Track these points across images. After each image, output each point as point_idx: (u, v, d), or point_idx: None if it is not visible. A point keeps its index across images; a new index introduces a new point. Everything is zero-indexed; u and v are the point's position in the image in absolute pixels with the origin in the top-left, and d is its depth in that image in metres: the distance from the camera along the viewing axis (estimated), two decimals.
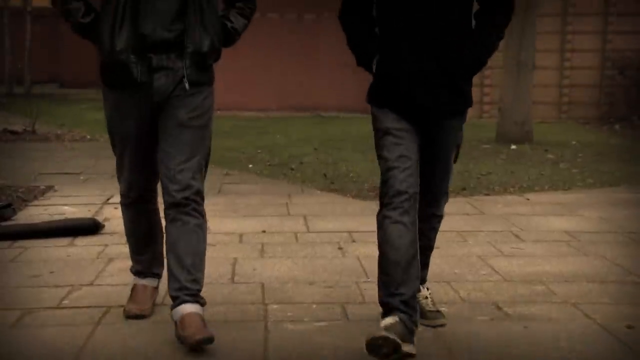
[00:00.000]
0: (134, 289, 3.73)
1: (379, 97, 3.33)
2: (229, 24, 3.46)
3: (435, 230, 3.59)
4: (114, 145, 3.55)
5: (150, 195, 3.63)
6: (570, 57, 13.74)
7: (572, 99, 13.84)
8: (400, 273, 3.16)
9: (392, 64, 3.27)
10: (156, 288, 3.77)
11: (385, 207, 3.23)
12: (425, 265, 3.56)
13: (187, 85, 3.31)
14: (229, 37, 3.48)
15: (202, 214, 3.40)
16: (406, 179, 3.20)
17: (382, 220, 3.24)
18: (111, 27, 3.28)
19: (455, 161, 3.47)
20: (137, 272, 3.76)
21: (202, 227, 3.40)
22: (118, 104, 3.41)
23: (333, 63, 14.23)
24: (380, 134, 3.30)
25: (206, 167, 3.47)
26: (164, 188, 3.39)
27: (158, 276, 3.78)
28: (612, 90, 13.70)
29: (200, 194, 3.39)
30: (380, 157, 3.30)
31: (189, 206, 3.34)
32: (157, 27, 3.26)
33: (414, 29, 3.21)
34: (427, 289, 3.65)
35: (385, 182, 3.25)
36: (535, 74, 10.91)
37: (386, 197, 3.23)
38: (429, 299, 3.59)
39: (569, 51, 13.74)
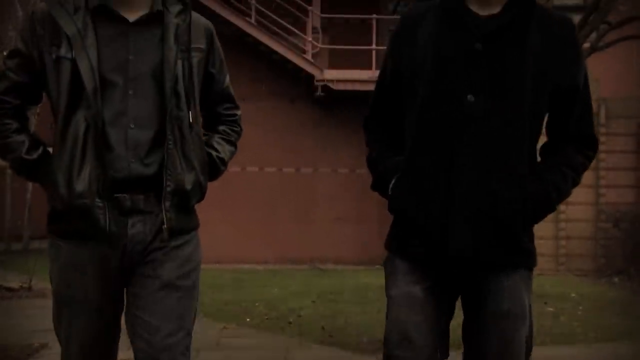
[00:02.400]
0: None
1: (395, 243, 2.60)
2: (214, 153, 2.79)
3: None
4: (59, 323, 2.68)
5: None
6: (565, 209, 13.91)
7: (569, 251, 13.89)
8: None
9: (417, 193, 2.46)
10: None
11: None
12: None
13: (166, 234, 2.57)
14: (215, 169, 2.80)
15: None
16: None
17: None
18: (69, 163, 2.50)
19: None
20: None
21: None
22: (73, 259, 2.61)
23: (329, 216, 14.37)
24: (387, 298, 2.65)
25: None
26: None
27: None
28: (607, 243, 13.76)
29: None
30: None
31: None
32: (130, 160, 2.52)
33: (453, 155, 2.40)
34: None
35: None
36: None
37: None
38: None
39: (563, 204, 13.92)
